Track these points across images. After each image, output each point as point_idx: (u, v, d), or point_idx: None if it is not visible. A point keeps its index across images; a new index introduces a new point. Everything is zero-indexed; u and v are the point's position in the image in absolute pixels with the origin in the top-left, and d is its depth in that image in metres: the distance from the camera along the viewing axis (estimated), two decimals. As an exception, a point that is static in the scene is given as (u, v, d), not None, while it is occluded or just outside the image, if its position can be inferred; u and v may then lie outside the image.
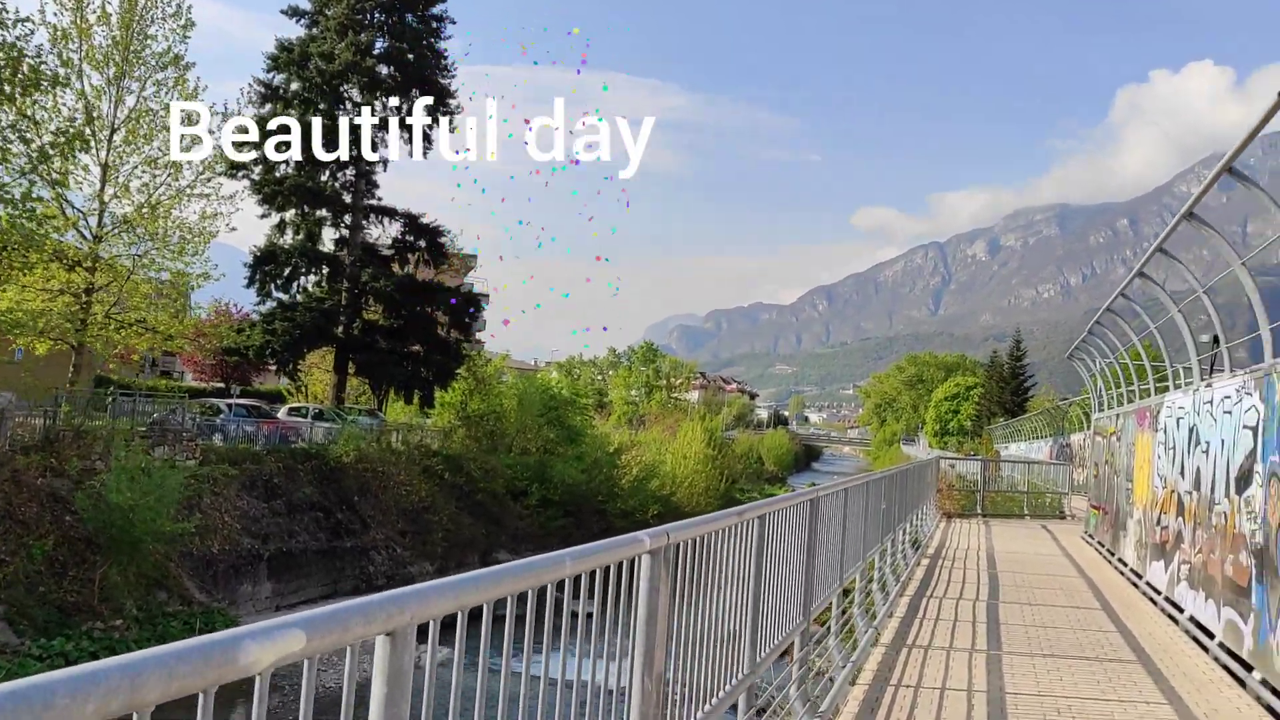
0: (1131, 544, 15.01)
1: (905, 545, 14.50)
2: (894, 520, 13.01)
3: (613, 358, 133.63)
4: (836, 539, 8.19)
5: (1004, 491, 29.18)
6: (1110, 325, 17.03)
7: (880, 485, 11.19)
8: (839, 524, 8.27)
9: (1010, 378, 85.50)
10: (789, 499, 6.14)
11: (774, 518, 5.53)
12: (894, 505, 12.66)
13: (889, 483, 12.23)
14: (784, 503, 5.85)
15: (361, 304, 44.77)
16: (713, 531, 4.18)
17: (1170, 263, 11.80)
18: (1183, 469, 11.58)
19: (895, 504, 13.10)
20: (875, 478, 10.71)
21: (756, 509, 5.02)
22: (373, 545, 37.50)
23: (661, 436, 69.97)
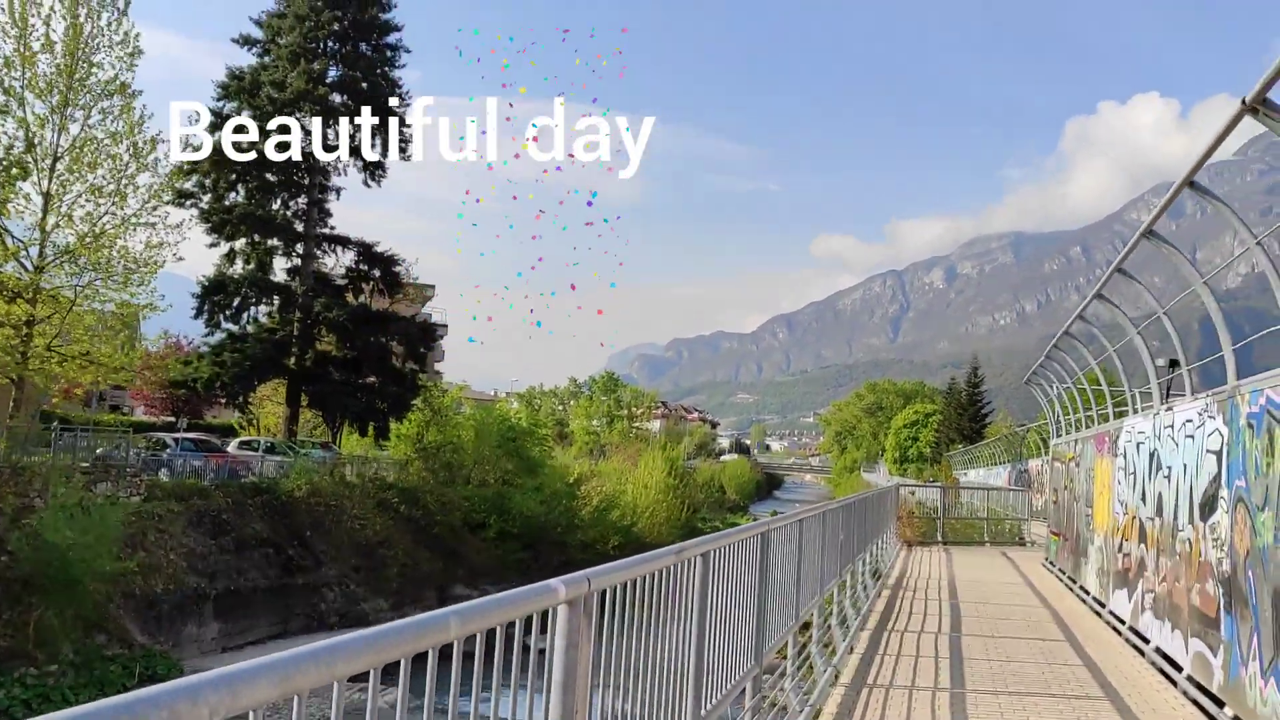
0: (1093, 572, 14.76)
1: (865, 576, 14.14)
2: (853, 550, 12.65)
3: (573, 388, 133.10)
4: (791, 573, 7.79)
5: (964, 518, 28.99)
6: (1068, 350, 16.88)
7: (838, 515, 10.82)
8: (794, 557, 7.88)
9: (968, 404, 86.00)
10: (737, 533, 5.73)
11: (721, 554, 5.12)
12: (853, 535, 12.31)
13: (847, 512, 11.88)
14: (731, 537, 5.44)
15: (314, 334, 43.97)
16: (646, 575, 3.76)
17: (1128, 284, 11.61)
18: (1144, 495, 11.33)
19: (854, 534, 12.75)
20: (832, 507, 10.33)
21: (699, 546, 4.61)
22: (325, 582, 36.57)
23: (622, 466, 69.43)
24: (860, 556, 13.40)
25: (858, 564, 13.26)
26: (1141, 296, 14.62)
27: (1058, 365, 18.37)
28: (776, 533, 6.82)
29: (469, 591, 43.57)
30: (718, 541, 4.99)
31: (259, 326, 43.36)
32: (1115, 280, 12.18)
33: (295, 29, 42.65)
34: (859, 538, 13.63)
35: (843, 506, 11.53)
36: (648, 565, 3.75)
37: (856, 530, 12.69)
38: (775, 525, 6.81)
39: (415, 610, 40.78)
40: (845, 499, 12.70)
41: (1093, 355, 16.17)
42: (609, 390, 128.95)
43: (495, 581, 44.94)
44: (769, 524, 6.55)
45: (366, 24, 44.56)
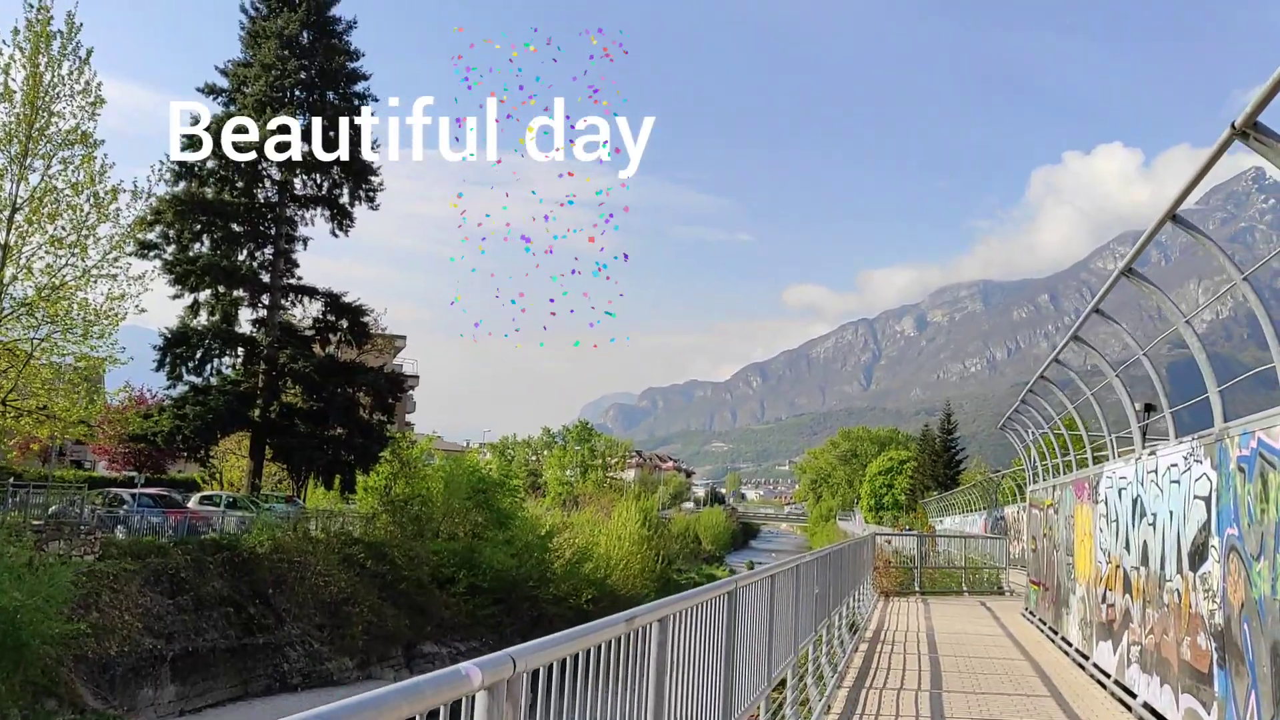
0: (1075, 622, 14.32)
1: (842, 630, 13.63)
2: (830, 604, 12.16)
3: (547, 438, 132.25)
4: (763, 632, 7.31)
5: (941, 567, 28.51)
6: (1044, 394, 16.59)
7: (813, 568, 10.34)
8: (766, 615, 7.40)
9: (942, 451, 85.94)
10: (700, 593, 5.25)
11: (681, 619, 4.63)
12: (829, 588, 11.82)
13: (822, 564, 11.41)
14: (694, 599, 4.95)
15: (279, 386, 43.19)
16: (590, 648, 3.28)
17: (1103, 324, 11.32)
18: (1128, 543, 10.94)
19: (830, 586, 12.27)
20: (807, 560, 9.86)
21: (655, 611, 4.13)
22: (288, 641, 35.50)
23: (595, 517, 68.58)
24: (837, 610, 12.90)
25: (834, 617, 12.76)
26: (1112, 342, 14.44)
27: (1033, 410, 18.08)
28: (746, 590, 6.35)
29: (438, 649, 42.53)
30: (678, 605, 4.51)
31: (223, 379, 42.57)
32: (1090, 323, 11.90)
33: (261, 78, 42.40)
34: (835, 590, 13.14)
35: (818, 559, 11.06)
36: (591, 638, 3.26)
37: (833, 583, 12.22)
38: (744, 582, 6.34)
39: (382, 669, 39.67)
40: (820, 551, 12.21)
41: (1069, 399, 15.93)
42: (583, 440, 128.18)
43: (465, 638, 43.94)
44: (736, 581, 6.08)
45: (334, 72, 44.42)
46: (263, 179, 44.56)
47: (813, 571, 9.99)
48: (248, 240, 44.49)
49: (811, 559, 10.12)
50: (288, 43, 43.72)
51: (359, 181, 45.28)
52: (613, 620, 3.59)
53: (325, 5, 45.06)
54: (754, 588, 6.84)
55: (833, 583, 12.13)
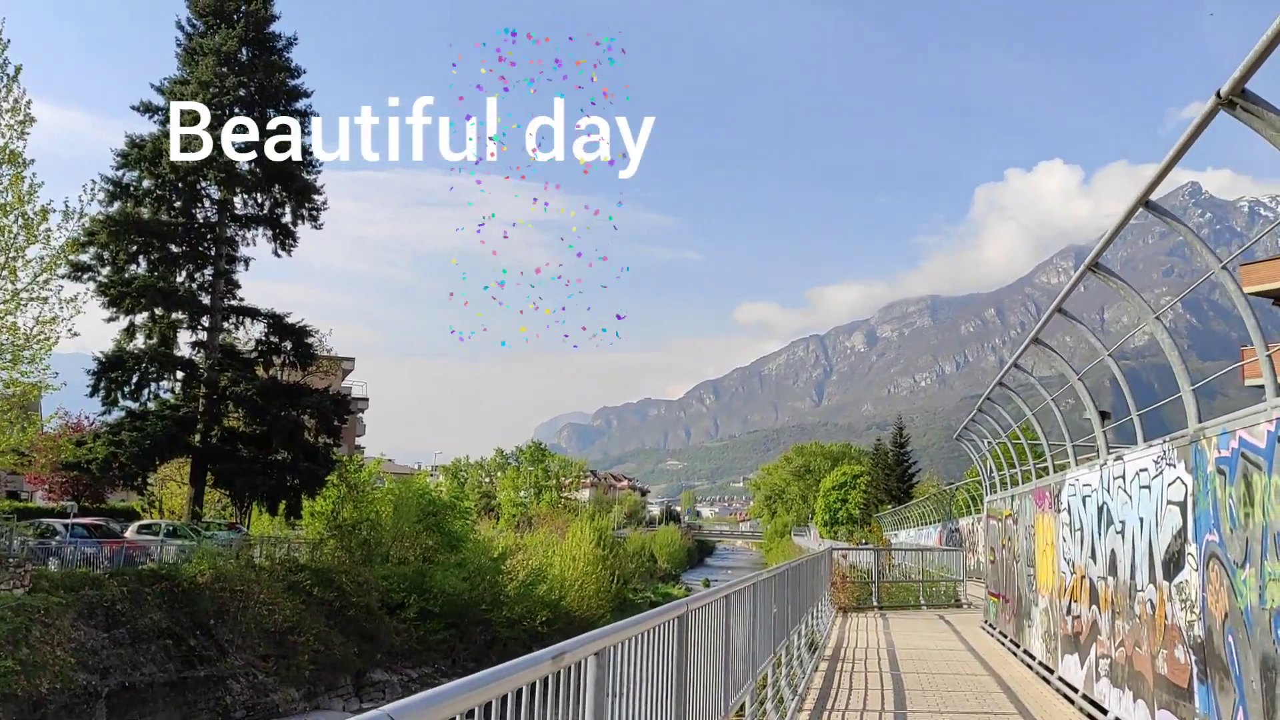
0: (1038, 635, 13.94)
1: (801, 649, 13.12)
2: (788, 623, 11.65)
3: (500, 459, 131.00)
4: (718, 658, 6.76)
5: (898, 581, 28.18)
6: (1001, 402, 16.29)
7: (770, 585, 9.82)
8: (720, 640, 6.85)
9: (895, 464, 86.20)
10: (647, 619, 4.69)
11: (622, 650, 4.07)
12: (787, 607, 11.31)
13: (780, 581, 10.90)
14: (638, 626, 4.38)
15: (220, 410, 41.96)
16: (501, 697, 2.68)
17: (1061, 333, 11.00)
18: (1094, 552, 10.56)
19: (789, 604, 11.77)
20: (764, 577, 9.33)
21: (588, 645, 3.55)
22: (230, 673, 34.32)
23: (549, 538, 67.75)
24: (796, 628, 12.39)
25: (793, 636, 12.25)
26: (1064, 352, 14.44)
27: (990, 419, 17.79)
28: (698, 614, 5.80)
29: (388, 676, 41.46)
30: (617, 635, 3.93)
31: (162, 404, 41.26)
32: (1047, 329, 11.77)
33: (199, 95, 41.34)
34: (794, 608, 12.65)
35: (775, 576, 10.55)
36: (504, 683, 2.67)
37: (791, 601, 11.71)
38: (696, 605, 5.79)
39: (330, 699, 38.54)
40: (777, 568, 11.68)
41: (1029, 406, 15.67)
42: (536, 460, 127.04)
43: (416, 664, 42.94)
44: (688, 604, 5.53)
45: (274, 90, 43.48)
46: (201, 198, 43.46)
47: (770, 590, 9.47)
48: (187, 261, 43.32)
49: (768, 576, 9.59)
50: (226, 60, 42.75)
51: (301, 200, 44.30)
52: (535, 659, 3.00)
53: (264, 22, 44.16)
54: (707, 610, 6.30)
55: (791, 600, 11.62)
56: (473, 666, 44.90)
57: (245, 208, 44.33)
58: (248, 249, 46.30)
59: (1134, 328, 8.66)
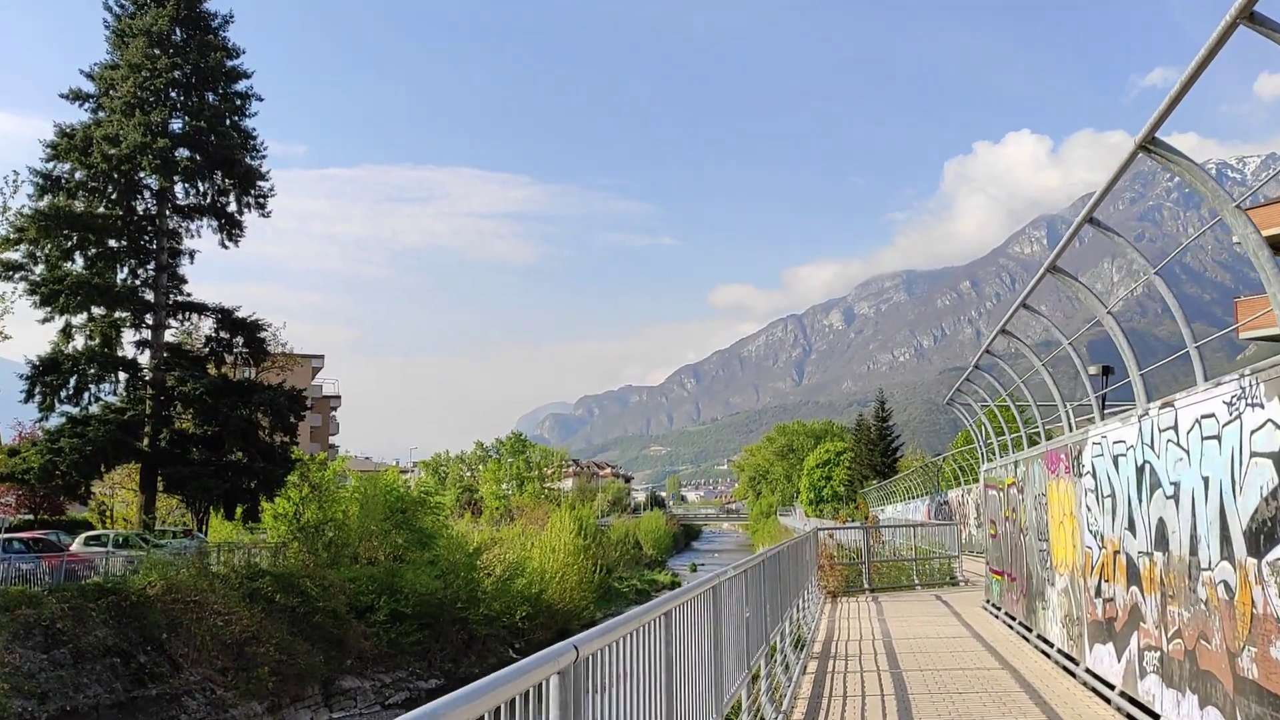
0: (1056, 620, 12.14)
1: (787, 651, 11.27)
2: (770, 623, 9.79)
3: (481, 452, 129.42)
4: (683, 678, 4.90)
5: (890, 560, 26.42)
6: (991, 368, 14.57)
7: (739, 584, 7.93)
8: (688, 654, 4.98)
9: (878, 439, 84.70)
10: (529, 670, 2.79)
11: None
12: (766, 604, 9.45)
13: (758, 573, 9.04)
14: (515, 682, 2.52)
15: (169, 412, 39.71)
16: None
17: (1052, 291, 9.14)
18: (1131, 522, 8.72)
19: (770, 600, 9.92)
20: (730, 576, 7.42)
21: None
22: (185, 690, 32.24)
23: (529, 530, 65.92)
24: (779, 627, 10.54)
25: (776, 636, 10.41)
26: (1043, 319, 12.99)
27: (989, 375, 16.00)
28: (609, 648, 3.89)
29: (360, 683, 39.49)
30: (488, 697, 2.09)
31: (105, 407, 38.99)
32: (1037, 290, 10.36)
33: (130, 78, 38.93)
34: (778, 602, 10.82)
35: (752, 567, 8.68)
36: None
37: (770, 597, 9.86)
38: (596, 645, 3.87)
39: (296, 710, 36.50)
40: (754, 557, 9.76)
41: (1018, 374, 14.26)
42: (517, 452, 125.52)
43: (390, 668, 40.99)
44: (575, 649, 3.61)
45: (211, 71, 41.08)
46: (140, 189, 41.03)
47: (739, 589, 7.57)
48: (128, 256, 40.96)
49: (745, 567, 7.63)
50: (157, 40, 40.30)
51: (245, 187, 41.99)
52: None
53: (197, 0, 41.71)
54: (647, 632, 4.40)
55: (769, 599, 9.75)
56: (449, 668, 43.00)
57: (187, 197, 41.99)
58: (192, 241, 44.09)
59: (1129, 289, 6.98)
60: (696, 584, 5.69)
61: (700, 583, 5.74)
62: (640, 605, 4.75)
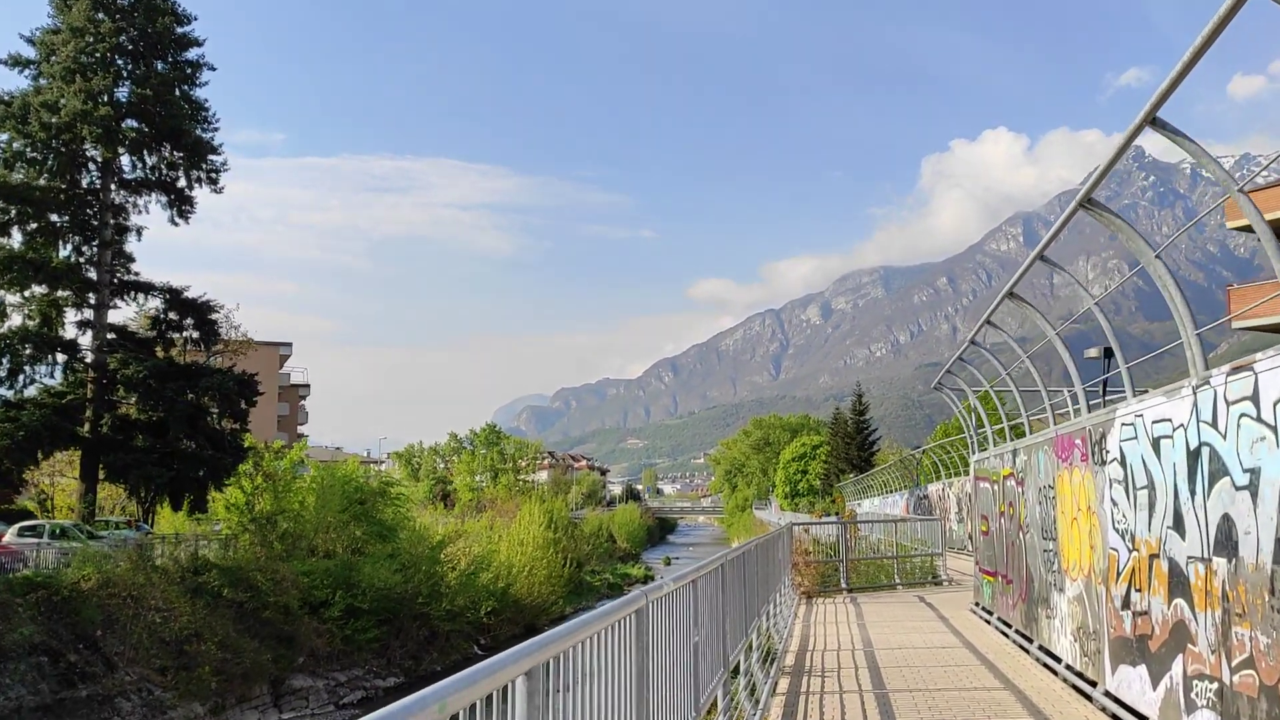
0: (1066, 631, 10.50)
1: (754, 670, 9.56)
2: (731, 642, 8.09)
3: (454, 443, 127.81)
4: None
5: (869, 557, 24.80)
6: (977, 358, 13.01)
7: (694, 592, 6.20)
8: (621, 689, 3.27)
9: (855, 433, 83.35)
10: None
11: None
12: (726, 620, 7.72)
13: (714, 580, 7.33)
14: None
15: (112, 396, 37.59)
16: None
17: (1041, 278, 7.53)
18: (1178, 519, 7.05)
19: (732, 615, 8.22)
20: (675, 586, 5.63)
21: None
22: (120, 690, 30.23)
23: (495, 522, 64.16)
24: (742, 645, 8.82)
25: (740, 654, 8.71)
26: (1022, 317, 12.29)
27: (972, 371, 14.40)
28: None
29: (313, 682, 37.66)
30: None
31: (44, 390, 36.86)
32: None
33: (71, 43, 36.72)
34: (745, 612, 9.14)
35: (708, 574, 6.97)
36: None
37: (734, 609, 8.15)
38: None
39: (242, 712, 34.58)
40: (712, 560, 7.98)
41: (1008, 360, 12.96)
42: (491, 443, 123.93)
43: (346, 666, 39.17)
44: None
45: (159, 37, 38.87)
46: (84, 161, 38.82)
47: (681, 606, 5.74)
48: (72, 232, 38.76)
49: (678, 588, 5.72)
50: (102, 3, 38.05)
51: (196, 160, 39.84)
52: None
53: (145, -40, 39.45)
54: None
55: (731, 612, 8.00)
56: (409, 665, 41.17)
57: (134, 171, 39.82)
58: (140, 217, 41.91)
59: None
60: (612, 607, 3.96)
61: (617, 606, 4.01)
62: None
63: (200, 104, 40.24)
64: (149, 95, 37.74)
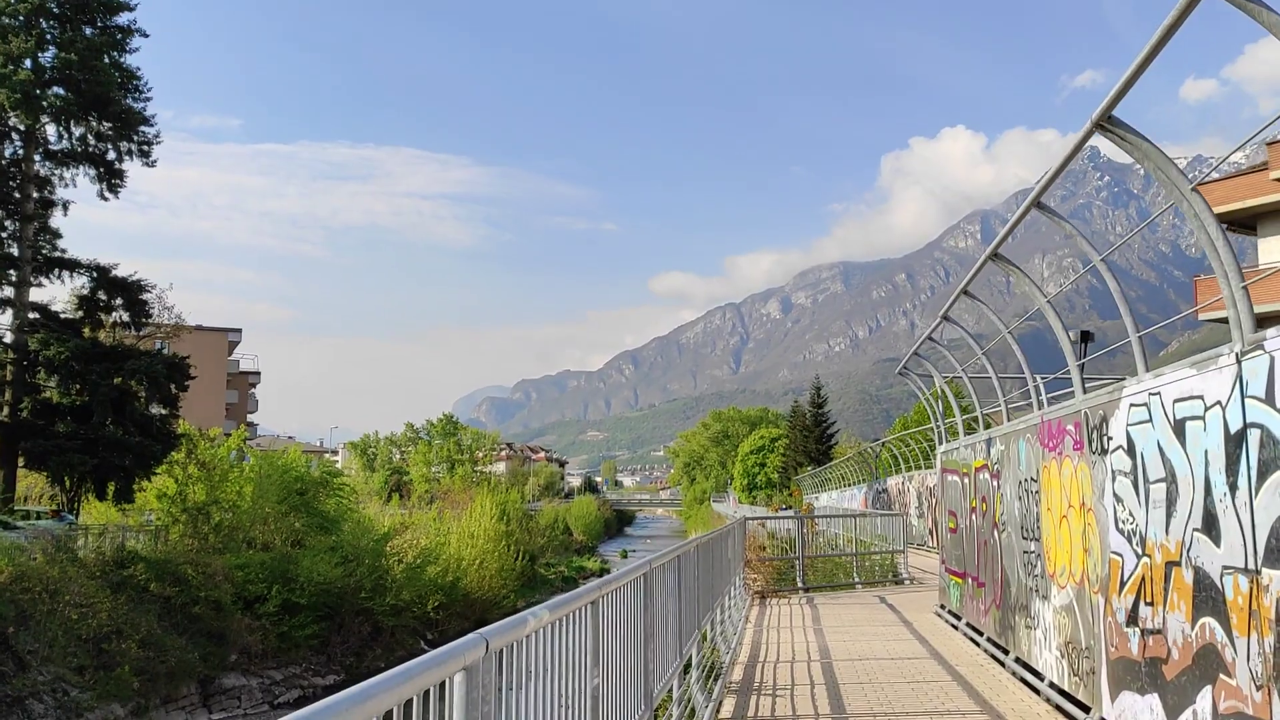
0: (1050, 645, 9.20)
1: (692, 690, 8.16)
2: (660, 669, 6.67)
3: (411, 433, 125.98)
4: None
5: (826, 554, 23.53)
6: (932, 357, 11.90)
7: (608, 606, 4.77)
8: None
9: (813, 425, 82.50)
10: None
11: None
12: (645, 647, 6.29)
13: (634, 591, 5.91)
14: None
15: (31, 379, 35.45)
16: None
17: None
18: (1209, 520, 5.72)
19: (660, 632, 6.81)
20: (575, 603, 4.18)
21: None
22: (32, 691, 28.32)
23: (444, 514, 62.44)
24: (677, 668, 7.38)
25: (673, 680, 7.29)
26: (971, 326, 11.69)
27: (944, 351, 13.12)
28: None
29: (245, 680, 35.93)
30: None
31: (-40, 373, 34.68)
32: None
33: (-12, 2, 34.48)
34: (680, 627, 7.75)
35: (627, 583, 5.56)
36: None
37: (665, 624, 6.73)
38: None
39: (168, 712, 32.72)
40: (638, 566, 6.49)
41: (963, 358, 12.02)
42: (448, 434, 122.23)
43: (282, 664, 37.45)
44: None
45: (87, 1, 36.67)
46: (5, 131, 36.56)
47: (576, 631, 4.23)
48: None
49: (591, 596, 4.29)
50: (25, -40, 35.78)
51: (126, 131, 37.69)
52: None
53: (71, -82, 37.18)
54: None
55: (659, 632, 6.54)
56: (351, 662, 39.43)
57: (60, 141, 37.60)
58: (67, 191, 39.67)
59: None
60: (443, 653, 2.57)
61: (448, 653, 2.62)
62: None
63: (131, 72, 38.07)
64: (74, 60, 35.55)
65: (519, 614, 3.76)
